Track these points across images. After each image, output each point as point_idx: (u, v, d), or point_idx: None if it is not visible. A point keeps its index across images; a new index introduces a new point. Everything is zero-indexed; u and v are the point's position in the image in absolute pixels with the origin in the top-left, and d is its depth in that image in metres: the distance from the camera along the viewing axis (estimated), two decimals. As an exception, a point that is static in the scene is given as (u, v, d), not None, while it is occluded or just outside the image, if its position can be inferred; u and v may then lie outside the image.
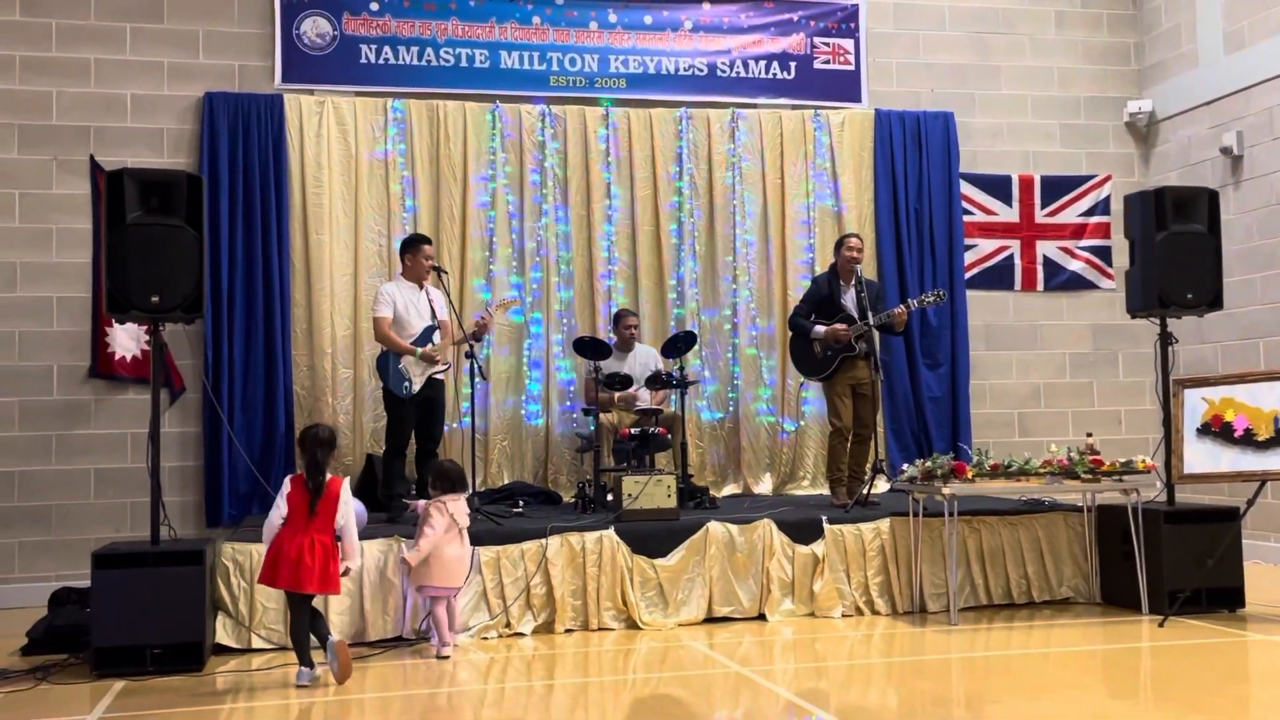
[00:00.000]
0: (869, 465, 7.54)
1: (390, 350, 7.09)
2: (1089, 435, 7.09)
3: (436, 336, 7.14)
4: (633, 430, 7.45)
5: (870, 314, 7.34)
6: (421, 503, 6.27)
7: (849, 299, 7.56)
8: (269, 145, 8.18)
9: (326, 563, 5.22)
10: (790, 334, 7.89)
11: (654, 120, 8.88)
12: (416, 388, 7.03)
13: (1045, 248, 9.55)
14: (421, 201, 8.46)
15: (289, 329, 8.13)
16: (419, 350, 7.00)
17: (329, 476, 5.32)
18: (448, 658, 5.82)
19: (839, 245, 7.72)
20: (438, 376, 7.18)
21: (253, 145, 8.15)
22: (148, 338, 7.11)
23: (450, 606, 6.00)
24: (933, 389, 9.09)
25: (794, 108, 9.15)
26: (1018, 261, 9.50)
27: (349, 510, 5.32)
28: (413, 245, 7.30)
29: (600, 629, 6.42)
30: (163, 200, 6.00)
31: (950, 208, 9.28)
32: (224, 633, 6.05)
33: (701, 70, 9.00)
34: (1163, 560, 6.58)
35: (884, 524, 6.85)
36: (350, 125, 8.38)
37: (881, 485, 8.05)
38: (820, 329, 7.52)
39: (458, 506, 5.99)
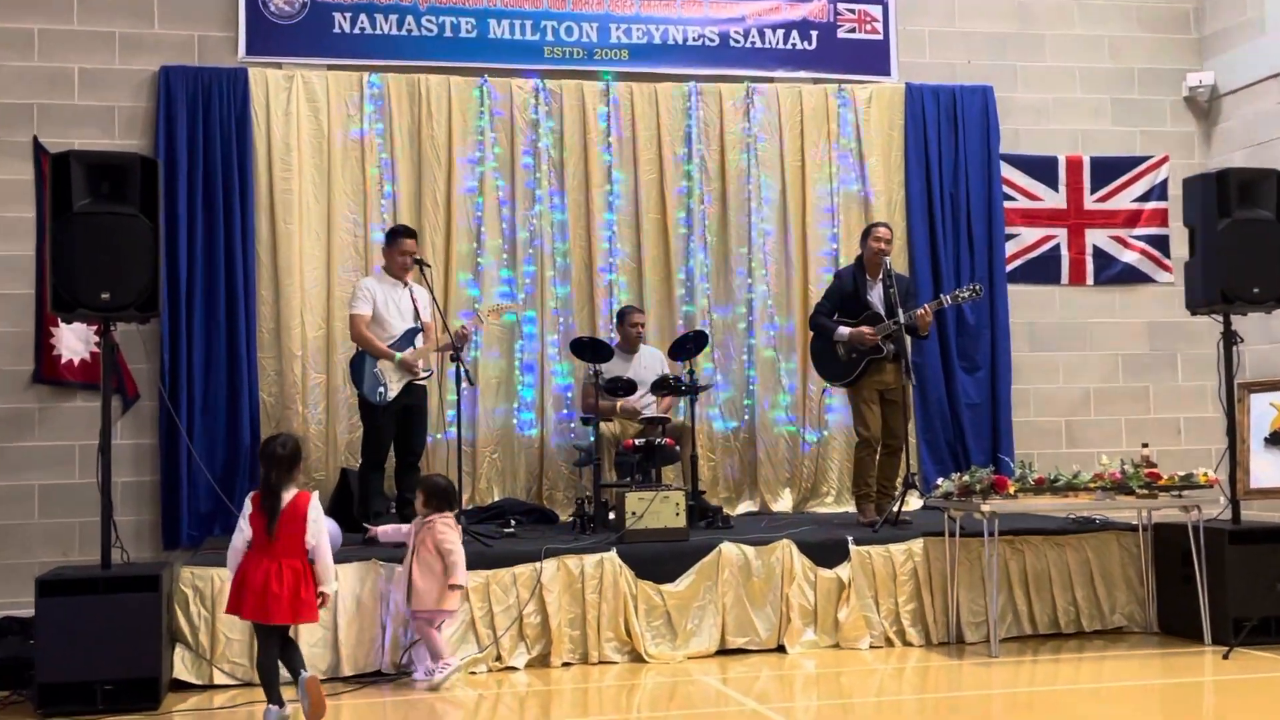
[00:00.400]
0: (900, 480, 7.55)
1: (365, 352, 7.10)
2: (1144, 446, 7.08)
3: (419, 340, 7.15)
4: (637, 441, 7.46)
5: (900, 311, 7.34)
6: (401, 527, 6.29)
7: (876, 295, 7.57)
8: (232, 125, 8.18)
9: (298, 589, 5.21)
10: (811, 334, 7.89)
11: (660, 96, 8.88)
12: (393, 394, 7.04)
13: (1095, 237, 9.55)
14: (401, 187, 8.47)
15: (254, 329, 8.14)
16: (398, 356, 7.01)
17: (295, 492, 5.31)
18: (448, 672, 5.86)
19: (865, 235, 7.72)
20: (419, 382, 7.19)
21: (214, 125, 8.15)
22: (97, 339, 7.12)
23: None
24: (970, 395, 9.08)
25: (815, 82, 9.16)
26: (1065, 252, 9.49)
27: (320, 529, 5.31)
28: (390, 238, 7.33)
29: (601, 662, 6.42)
30: (114, 186, 6.01)
31: (989, 193, 9.27)
32: (183, 667, 6.06)
33: (713, 40, 9.01)
34: (1227, 585, 6.57)
35: (916, 545, 6.85)
36: (322, 102, 8.39)
37: (914, 502, 8.04)
38: (844, 329, 7.53)
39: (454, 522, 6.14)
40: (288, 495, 5.28)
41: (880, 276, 7.55)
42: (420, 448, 7.34)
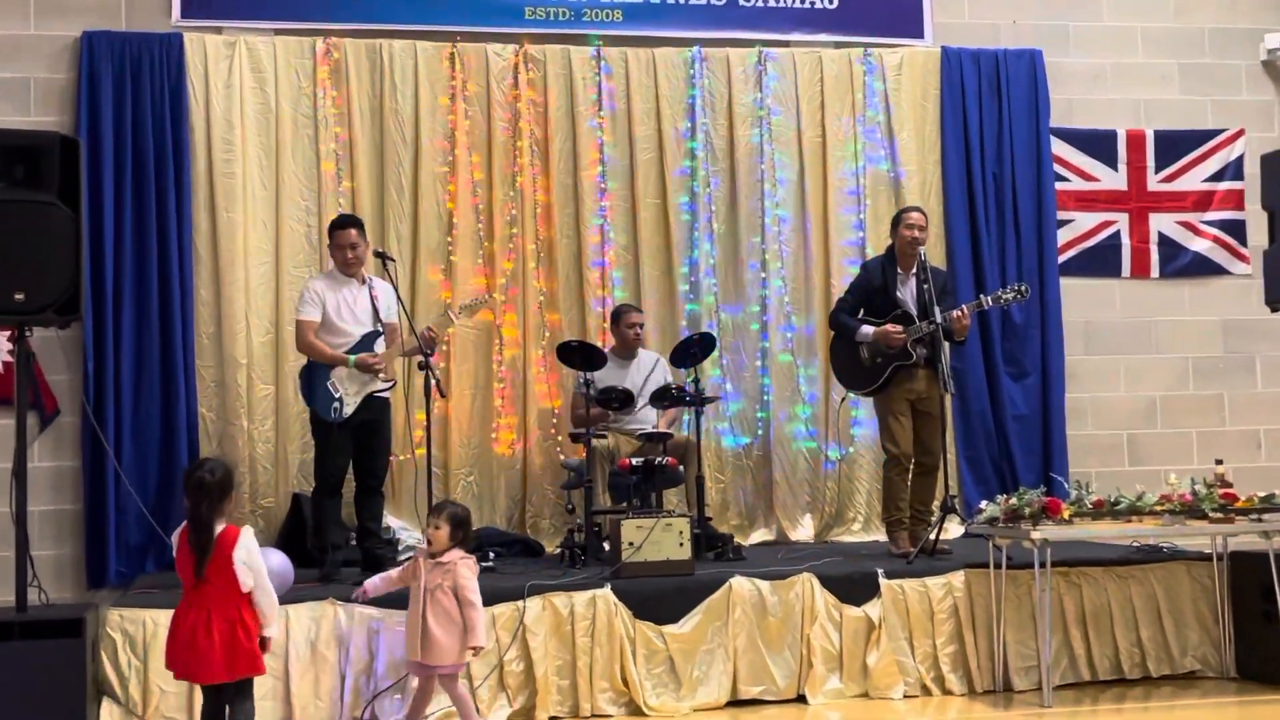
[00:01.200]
0: (937, 503, 7.54)
1: (315, 361, 7.07)
2: (1219, 463, 7.08)
3: (379, 345, 7.12)
4: (635, 461, 7.44)
5: (935, 311, 7.34)
6: (391, 574, 6.08)
7: (907, 291, 7.57)
8: (165, 99, 8.19)
9: (234, 639, 5.06)
10: (832, 335, 7.91)
11: (659, 63, 8.91)
12: (350, 409, 6.98)
13: (1160, 223, 9.56)
14: (360, 169, 8.49)
15: (192, 334, 8.15)
16: (351, 359, 6.97)
17: (223, 526, 5.17)
18: None
19: (896, 222, 7.73)
20: (381, 394, 7.15)
21: (144, 99, 8.17)
22: (11, 346, 7.12)
23: (428, 687, 5.97)
24: (1018, 405, 9.11)
25: (838, 45, 9.18)
26: (1126, 240, 9.51)
27: (256, 566, 5.17)
28: (329, 230, 7.30)
29: (594, 716, 6.40)
30: (29, 170, 6.01)
31: (1039, 173, 9.30)
32: (110, 725, 6.05)
33: (719, -2, 9.05)
34: (1316, 622, 6.57)
35: (957, 578, 6.85)
36: (269, 72, 8.40)
37: (953, 529, 8.03)
38: (867, 329, 7.54)
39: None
40: (216, 530, 5.15)
41: (914, 270, 7.54)
42: (383, 470, 7.30)
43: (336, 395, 6.97)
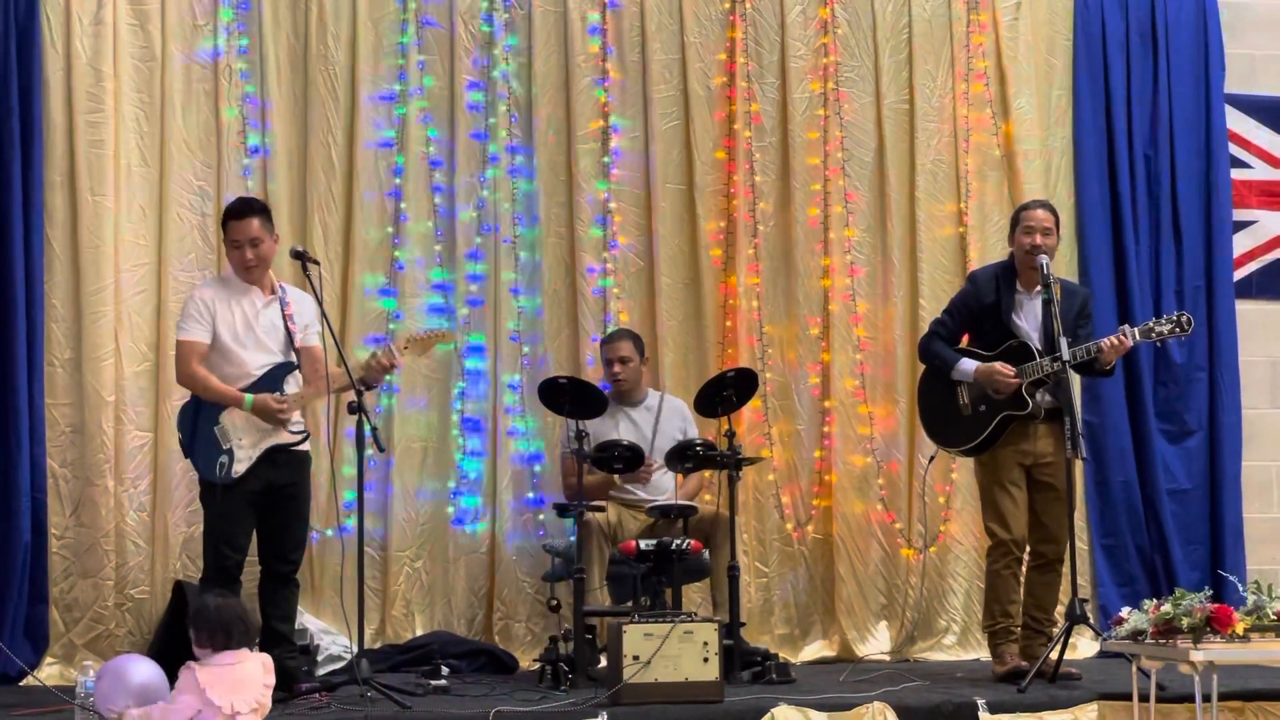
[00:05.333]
0: (1061, 609, 7.53)
1: (201, 399, 7.03)
2: None
3: (293, 382, 7.13)
4: (644, 543, 7.45)
5: (1062, 344, 7.30)
6: None
7: (1028, 314, 7.55)
8: (10, 38, 8.21)
9: None
10: (922, 370, 7.91)
11: (685, -1, 8.98)
12: (243, 465, 6.94)
13: (1375, 226, 9.58)
14: (277, 138, 8.54)
15: (40, 360, 8.15)
16: (249, 399, 6.90)
17: None
18: None
19: (1016, 221, 7.70)
20: (295, 446, 7.14)
21: (-18, 39, 8.23)
22: None
23: None
24: (1176, 475, 9.13)
25: (932, -21, 9.26)
26: (1328, 250, 9.54)
27: None
28: (223, 219, 7.23)
29: None
30: None
31: (1208, 156, 9.36)
32: None
33: (769, -88, 9.09)
34: None
35: (1088, 712, 6.83)
36: (154, 6, 8.43)
37: (1084, 644, 8.03)
38: (968, 363, 7.51)
39: (225, 674, 5.73)
40: None
41: (1037, 287, 7.48)
42: (298, 551, 7.24)
43: (225, 446, 6.91)
